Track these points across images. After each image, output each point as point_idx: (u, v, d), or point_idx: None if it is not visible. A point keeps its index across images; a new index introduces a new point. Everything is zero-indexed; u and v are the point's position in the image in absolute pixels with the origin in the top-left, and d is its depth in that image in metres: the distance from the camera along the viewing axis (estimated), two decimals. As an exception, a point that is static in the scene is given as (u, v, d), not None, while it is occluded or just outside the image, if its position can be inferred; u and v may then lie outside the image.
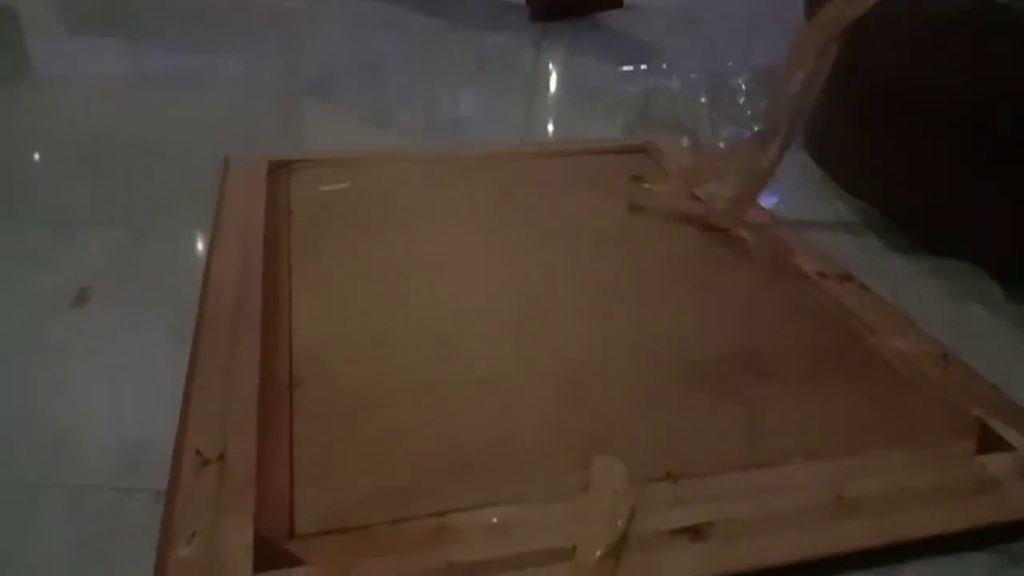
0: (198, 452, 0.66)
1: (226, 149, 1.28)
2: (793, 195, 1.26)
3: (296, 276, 0.94)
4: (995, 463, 0.68)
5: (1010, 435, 0.71)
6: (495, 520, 0.60)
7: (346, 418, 0.72)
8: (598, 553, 0.57)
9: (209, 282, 0.91)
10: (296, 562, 0.56)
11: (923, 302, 0.97)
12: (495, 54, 2.06)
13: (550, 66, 1.99)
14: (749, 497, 0.63)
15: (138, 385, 0.80)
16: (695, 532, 0.60)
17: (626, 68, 1.76)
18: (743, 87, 1.45)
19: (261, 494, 0.62)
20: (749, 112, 1.42)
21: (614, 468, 0.65)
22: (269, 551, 0.57)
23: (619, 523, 0.59)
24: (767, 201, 1.23)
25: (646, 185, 1.20)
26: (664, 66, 1.60)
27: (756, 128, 1.30)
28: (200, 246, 1.05)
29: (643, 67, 1.57)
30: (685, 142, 1.42)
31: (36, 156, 1.37)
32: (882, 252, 1.11)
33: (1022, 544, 0.64)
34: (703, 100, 1.45)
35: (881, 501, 0.63)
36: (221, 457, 0.65)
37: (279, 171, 1.21)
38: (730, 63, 1.51)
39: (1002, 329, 0.94)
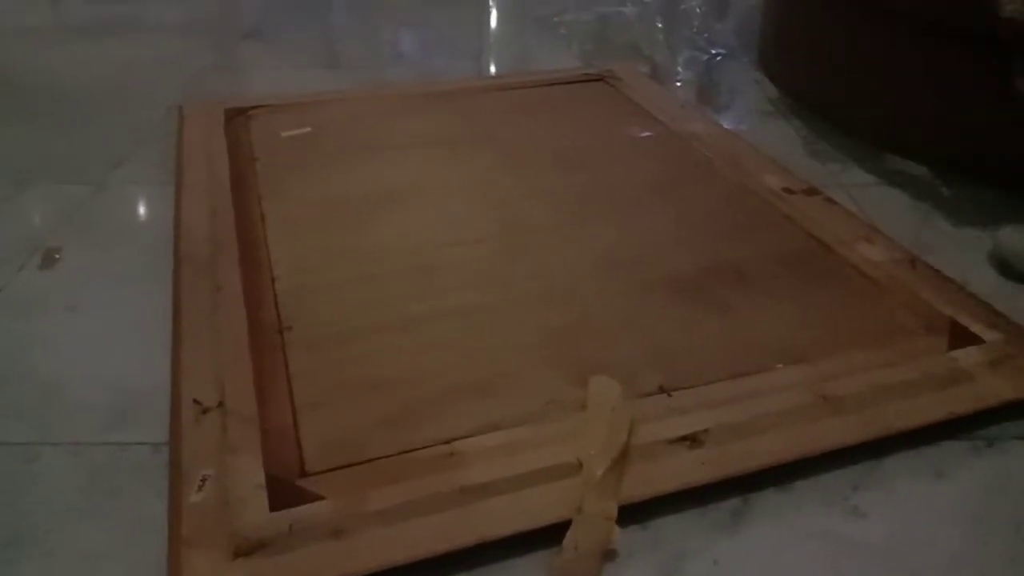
0: (196, 401, 0.66)
1: (169, 97, 1.25)
2: (752, 114, 1.27)
3: (269, 220, 0.93)
4: (966, 356, 0.71)
5: (978, 329, 0.74)
6: (501, 442, 0.62)
7: (341, 355, 0.73)
8: (603, 467, 0.59)
9: (181, 230, 0.89)
10: (311, 498, 0.57)
11: (884, 210, 1.00)
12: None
13: (501, -4, 1.95)
14: (739, 404, 0.65)
15: (120, 336, 0.79)
16: (692, 440, 0.62)
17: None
18: (697, 10, 1.44)
19: (267, 435, 0.62)
20: (705, 35, 1.42)
21: (610, 386, 0.66)
22: (283, 489, 0.58)
23: (620, 437, 0.61)
24: (730, 122, 1.25)
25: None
26: (617, -9, 1.59)
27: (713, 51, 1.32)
28: (160, 196, 1.03)
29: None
30: (644, 69, 1.42)
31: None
32: (841, 164, 1.13)
33: (995, 429, 0.69)
34: (658, 25, 1.44)
35: (862, 399, 0.66)
36: (220, 404, 0.65)
37: (237, 118, 1.18)
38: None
39: (957, 231, 0.97)
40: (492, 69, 1.50)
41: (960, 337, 0.74)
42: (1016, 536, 0.60)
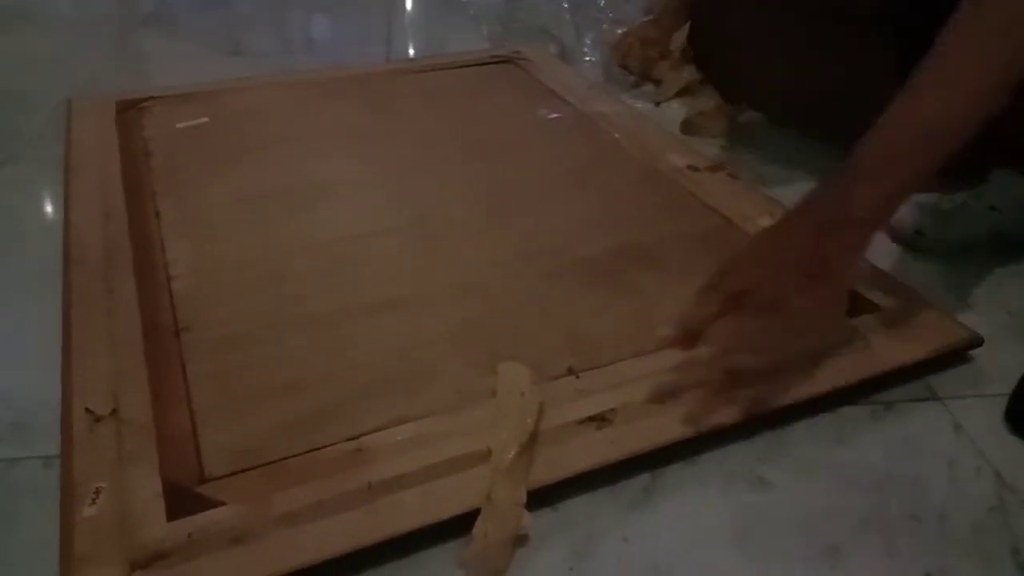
0: (88, 410, 0.63)
1: (62, 91, 1.19)
2: (657, 92, 1.28)
3: (165, 217, 0.89)
4: (863, 323, 0.74)
5: (875, 296, 0.77)
6: (410, 435, 0.61)
7: (242, 355, 0.70)
8: (512, 452, 0.58)
9: (71, 233, 0.85)
10: (211, 504, 0.55)
11: (787, 185, 1.03)
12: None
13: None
14: (645, 381, 0.66)
15: (7, 347, 0.75)
16: (600, 420, 0.62)
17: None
18: (603, -10, 1.45)
19: (164, 441, 0.60)
20: (611, 14, 1.42)
21: (518, 371, 0.66)
22: (181, 497, 0.56)
23: (528, 421, 0.61)
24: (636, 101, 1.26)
25: None
26: (523, -28, 1.58)
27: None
28: (50, 198, 0.98)
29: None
30: (552, 49, 1.41)
31: None
32: (747, 141, 1.16)
33: (892, 392, 0.71)
34: (565, 5, 1.44)
35: (764, 371, 0.68)
36: (114, 412, 0.62)
37: (129, 111, 1.13)
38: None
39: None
40: (401, 53, 1.47)
41: (858, 305, 0.76)
42: (915, 496, 0.62)
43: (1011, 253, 0.89)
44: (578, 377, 0.67)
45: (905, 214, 0.91)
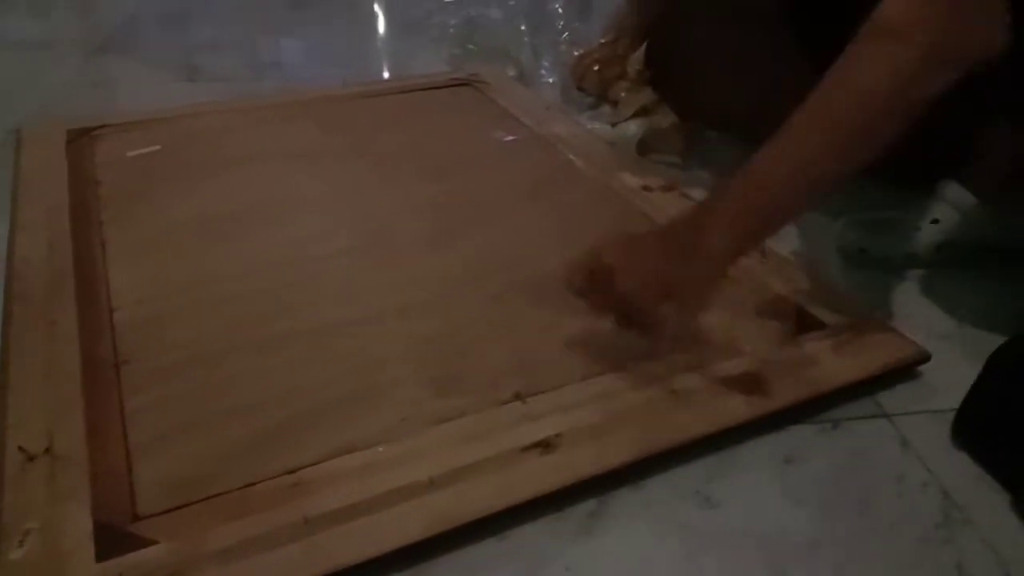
0: (21, 449, 0.61)
1: (15, 118, 1.17)
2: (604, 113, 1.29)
3: (111, 247, 0.88)
4: (810, 341, 0.74)
5: (823, 314, 0.77)
6: (350, 466, 0.60)
7: (183, 387, 0.69)
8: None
9: (14, 265, 0.83)
10: (143, 543, 0.54)
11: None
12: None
13: (370, 2, 1.92)
14: (593, 404, 0.66)
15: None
16: (545, 446, 0.62)
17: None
18: (560, 11, 1.45)
19: (96, 480, 0.58)
20: (567, 34, 1.43)
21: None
22: (111, 536, 0.54)
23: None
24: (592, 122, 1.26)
25: None
26: (484, -6, 1.59)
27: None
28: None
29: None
30: (511, 71, 1.42)
31: None
32: (701, 158, 1.16)
33: (841, 409, 0.71)
34: (523, 28, 1.45)
35: (710, 391, 0.67)
36: (48, 450, 0.61)
37: (80, 139, 1.11)
38: (546, -12, 1.51)
39: (809, 218, 1.00)
40: (361, 76, 1.46)
41: (806, 323, 0.76)
42: (862, 514, 0.62)
43: (956, 265, 0.90)
44: (524, 402, 0.67)
45: (849, 231, 0.91)
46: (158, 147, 1.10)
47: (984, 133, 0.89)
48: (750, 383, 0.69)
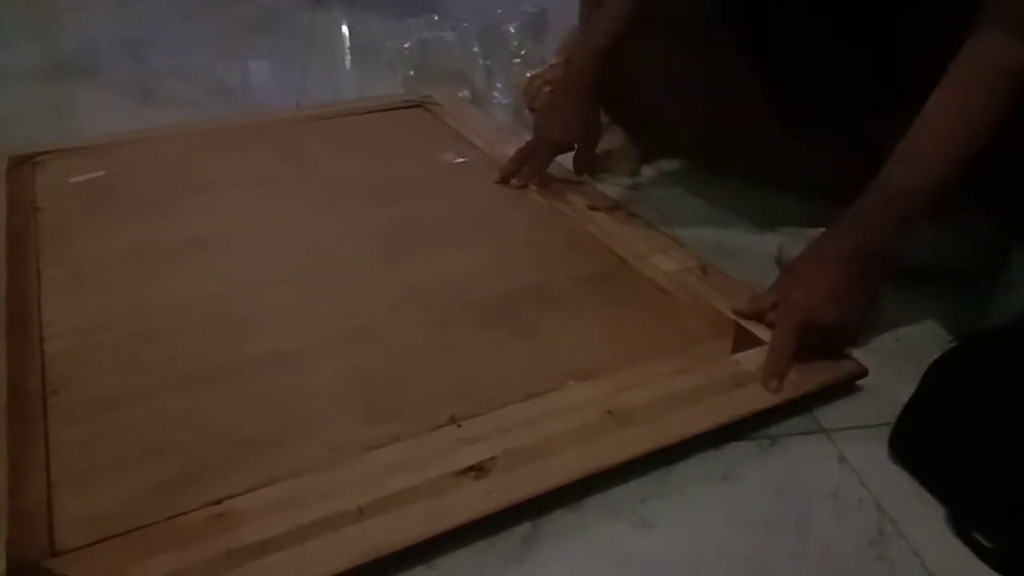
0: (-61, 484, 0.59)
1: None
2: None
3: (46, 276, 0.86)
4: (749, 358, 0.74)
5: (761, 330, 0.77)
6: (276, 496, 0.59)
7: (112, 419, 0.67)
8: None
9: (-56, 296, 0.81)
10: (59, 580, 0.52)
11: (687, 220, 1.04)
12: (266, 20, 1.97)
13: (325, 25, 1.92)
14: (529, 426, 0.65)
15: None
16: (479, 470, 0.61)
17: (403, 21, 1.75)
18: (513, 32, 1.46)
19: (16, 514, 0.57)
20: (522, 53, 1.44)
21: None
22: (27, 573, 0.53)
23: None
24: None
25: None
26: (436, 17, 1.59)
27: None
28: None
29: (418, 19, 1.55)
30: (464, 93, 1.42)
31: None
32: (651, 177, 1.17)
33: (779, 426, 0.71)
34: (476, 50, 1.45)
35: (649, 409, 0.67)
36: (-34, 485, 0.59)
37: (22, 166, 1.10)
38: (499, 11, 1.52)
39: (752, 236, 1.02)
40: (315, 99, 1.46)
41: (745, 340, 0.76)
42: (798, 532, 0.62)
43: (897, 280, 0.91)
44: (460, 426, 0.66)
45: (790, 244, 0.92)
46: (101, 173, 1.09)
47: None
48: (688, 401, 0.69)
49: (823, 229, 0.92)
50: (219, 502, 0.58)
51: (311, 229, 0.98)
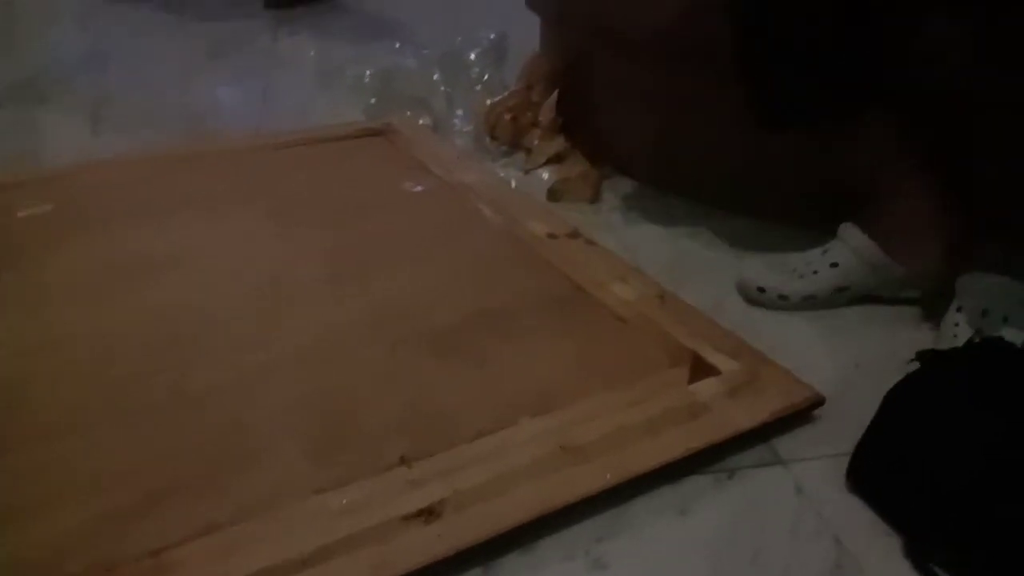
0: None
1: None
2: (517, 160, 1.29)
3: (-12, 306, 0.84)
4: (705, 388, 0.73)
5: (717, 359, 0.76)
6: (219, 543, 0.57)
7: (43, 454, 0.65)
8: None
9: None
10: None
11: (646, 246, 1.04)
12: (229, 43, 1.95)
13: (287, 52, 1.91)
14: (481, 465, 0.63)
15: None
16: (428, 513, 0.59)
17: (365, 47, 1.74)
18: (474, 60, 1.46)
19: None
20: (484, 79, 1.44)
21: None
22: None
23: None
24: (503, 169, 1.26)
25: None
26: (397, 44, 1.58)
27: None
28: None
29: (380, 46, 1.54)
30: (425, 120, 1.41)
31: None
32: (611, 203, 1.17)
33: (737, 458, 0.70)
34: (436, 77, 1.45)
35: (603, 444, 0.66)
36: None
37: (-33, 199, 1.07)
38: (459, 38, 1.52)
39: (710, 261, 1.01)
40: (274, 126, 1.44)
41: (701, 369, 0.76)
42: (753, 565, 0.61)
43: (856, 306, 0.91)
44: (410, 467, 0.64)
45: (749, 269, 0.92)
46: (50, 206, 1.06)
47: (884, 182, 0.90)
48: (644, 434, 0.68)
49: (786, 254, 0.93)
50: (156, 553, 0.56)
51: (261, 254, 0.97)
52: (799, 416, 0.74)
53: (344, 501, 0.60)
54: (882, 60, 0.83)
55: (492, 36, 1.51)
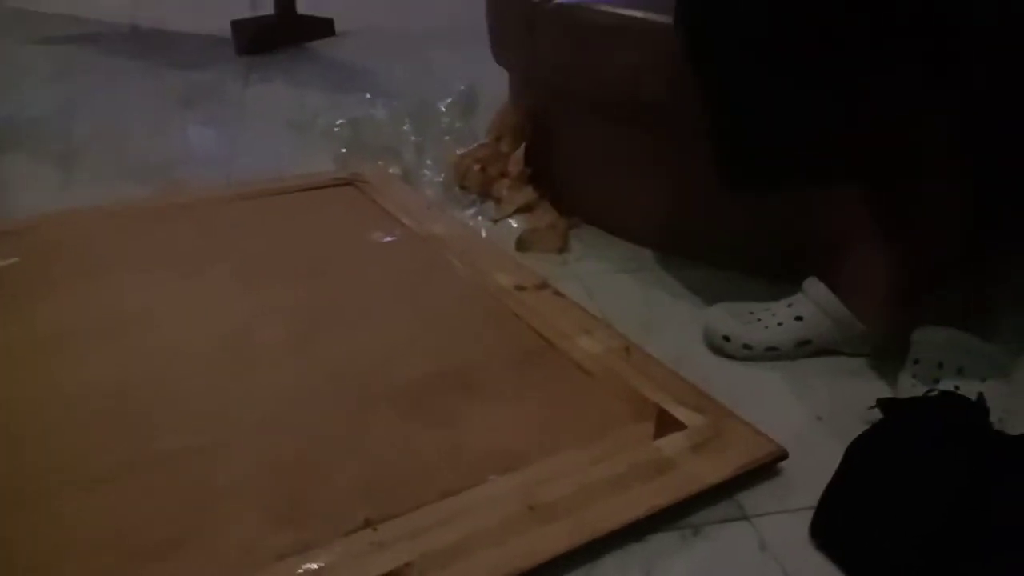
0: None
1: None
2: (487, 209, 1.31)
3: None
4: (670, 444, 0.74)
5: (682, 414, 0.77)
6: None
7: None
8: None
9: None
10: None
11: (613, 296, 1.05)
12: (201, 91, 1.96)
13: (259, 100, 1.92)
14: (447, 526, 0.63)
15: None
16: (394, 577, 0.59)
17: (336, 97, 1.76)
18: (443, 110, 1.48)
19: None
20: (452, 130, 1.46)
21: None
22: None
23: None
24: (473, 219, 1.28)
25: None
26: (368, 95, 1.60)
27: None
28: None
29: (351, 96, 1.56)
30: (395, 169, 1.43)
31: None
32: (579, 253, 1.18)
33: (702, 514, 0.71)
34: (406, 128, 1.47)
35: (570, 503, 0.66)
36: None
37: (-71, 253, 1.06)
38: (430, 88, 1.54)
39: (676, 312, 1.03)
40: (244, 175, 1.45)
41: (666, 423, 0.76)
42: (719, 625, 0.61)
43: (818, 358, 0.92)
44: (375, 529, 0.64)
45: (714, 319, 0.93)
46: (16, 259, 1.05)
47: (841, 238, 0.93)
48: (612, 491, 0.68)
49: (752, 303, 0.94)
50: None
51: (225, 311, 0.96)
52: (764, 469, 0.74)
53: (308, 567, 0.60)
54: (849, 124, 0.86)
55: (462, 87, 1.53)
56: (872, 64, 0.82)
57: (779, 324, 0.92)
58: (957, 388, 0.78)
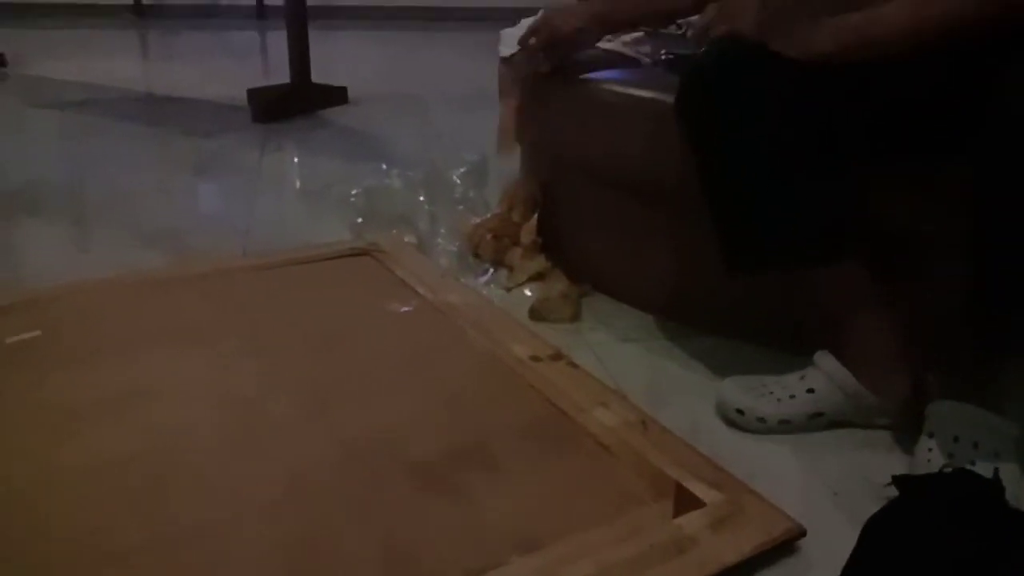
0: None
1: None
2: (500, 277, 1.33)
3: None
4: (690, 522, 0.74)
5: (700, 490, 0.78)
6: None
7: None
8: None
9: None
10: None
11: (626, 367, 1.06)
12: (216, 159, 2.01)
13: (274, 168, 1.97)
14: (470, 609, 0.64)
15: None
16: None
17: (351, 167, 1.80)
18: (457, 181, 1.52)
19: None
20: (465, 199, 1.49)
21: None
22: None
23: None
24: (487, 289, 1.30)
25: None
26: (384, 166, 1.64)
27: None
28: None
29: (365, 167, 1.59)
30: (411, 238, 1.45)
31: None
32: (591, 323, 1.20)
33: (722, 593, 0.71)
34: (420, 198, 1.50)
35: (594, 582, 0.66)
36: None
37: (-45, 325, 1.08)
38: (443, 159, 1.58)
39: (689, 384, 1.04)
40: (260, 245, 1.48)
41: (685, 500, 0.77)
42: None
43: (832, 432, 0.93)
44: (396, 610, 0.64)
45: (728, 391, 0.94)
46: (37, 332, 1.07)
47: (850, 313, 0.94)
48: (631, 572, 0.68)
49: (763, 376, 0.96)
50: None
51: (239, 384, 0.97)
52: (781, 548, 0.75)
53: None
54: (853, 207, 0.88)
55: (474, 158, 1.57)
56: (871, 161, 0.85)
57: (791, 397, 0.93)
58: (973, 463, 0.79)
